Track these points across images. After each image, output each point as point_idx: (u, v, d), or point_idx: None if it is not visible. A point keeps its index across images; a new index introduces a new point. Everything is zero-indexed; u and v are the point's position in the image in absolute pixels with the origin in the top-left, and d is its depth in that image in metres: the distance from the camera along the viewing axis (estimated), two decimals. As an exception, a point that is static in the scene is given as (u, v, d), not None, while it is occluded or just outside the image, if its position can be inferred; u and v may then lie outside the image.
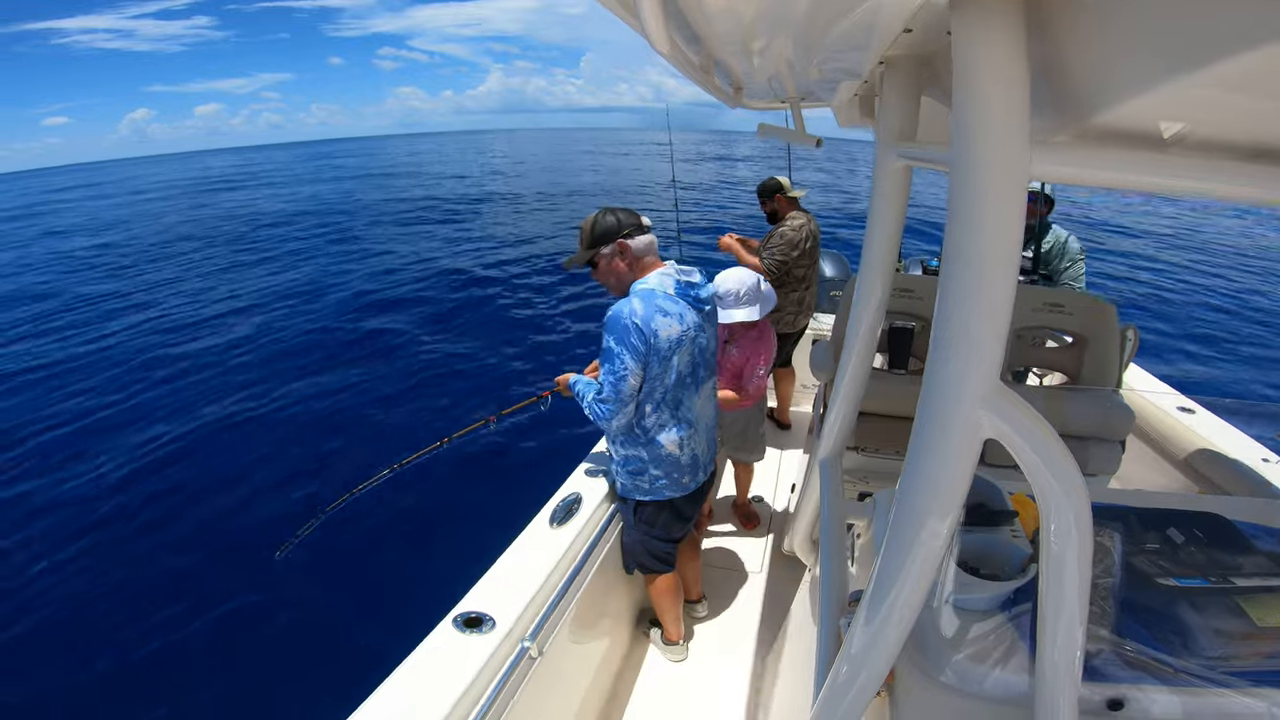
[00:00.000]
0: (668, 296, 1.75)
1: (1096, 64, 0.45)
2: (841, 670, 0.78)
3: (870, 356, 1.28)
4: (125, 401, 6.08)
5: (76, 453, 5.13)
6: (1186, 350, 6.43)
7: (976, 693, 0.79)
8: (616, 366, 1.69)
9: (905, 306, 2.21)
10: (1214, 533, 0.92)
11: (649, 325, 1.68)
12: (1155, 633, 0.79)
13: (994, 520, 0.99)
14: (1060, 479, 0.54)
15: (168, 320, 8.74)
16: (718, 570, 2.72)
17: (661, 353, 1.72)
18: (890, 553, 0.66)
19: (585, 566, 1.90)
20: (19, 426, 5.64)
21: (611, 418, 1.76)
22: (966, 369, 0.55)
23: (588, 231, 1.80)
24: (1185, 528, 0.92)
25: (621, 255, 1.78)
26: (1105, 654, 0.77)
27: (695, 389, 1.87)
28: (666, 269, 1.82)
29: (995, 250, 0.52)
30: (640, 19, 0.58)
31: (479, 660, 1.41)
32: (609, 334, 1.70)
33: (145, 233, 18.67)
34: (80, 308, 9.89)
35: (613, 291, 1.85)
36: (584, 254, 1.82)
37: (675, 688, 2.17)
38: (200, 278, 11.48)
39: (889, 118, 0.94)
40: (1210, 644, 0.76)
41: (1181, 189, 0.49)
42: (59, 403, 6.11)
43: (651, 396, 1.78)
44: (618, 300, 1.77)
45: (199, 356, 7.11)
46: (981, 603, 0.87)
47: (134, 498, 4.38)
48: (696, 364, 1.85)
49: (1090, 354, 2.07)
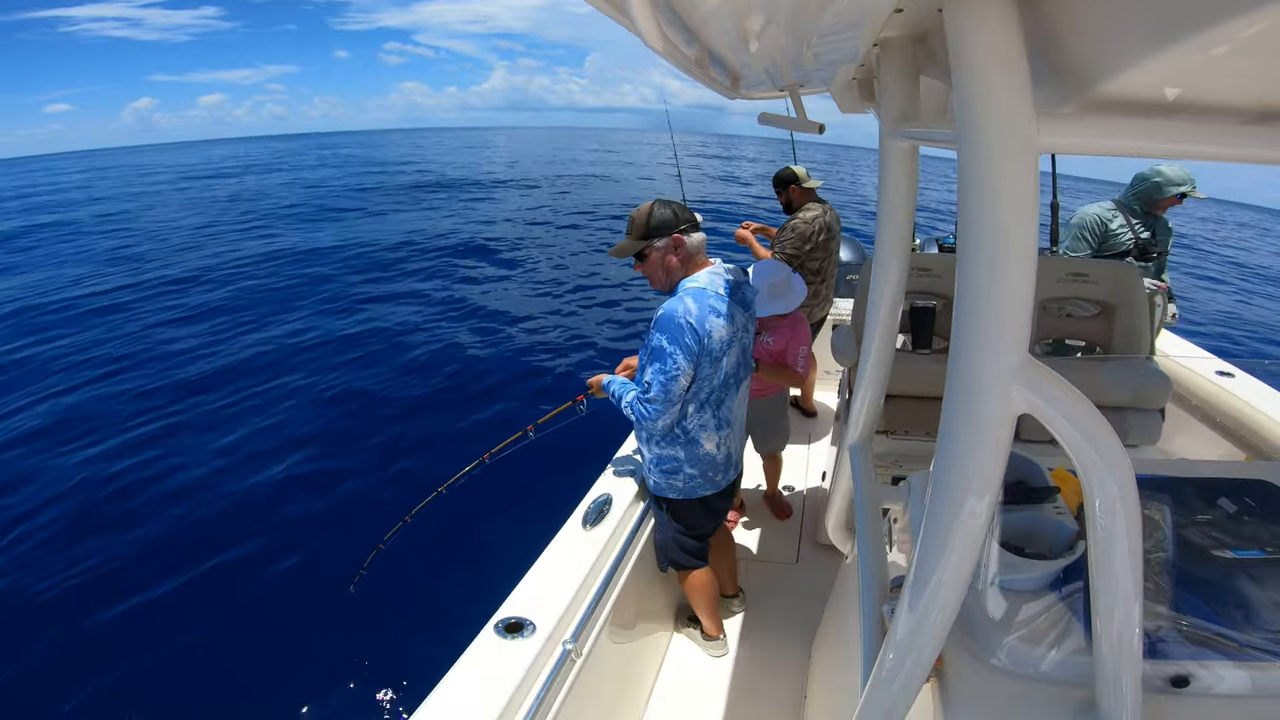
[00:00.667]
0: (719, 296, 1.72)
1: (1094, 32, 0.45)
2: (888, 657, 0.77)
3: (893, 338, 1.26)
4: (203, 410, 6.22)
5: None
6: (1221, 311, 6.17)
7: (1032, 674, 0.77)
8: (668, 366, 1.66)
9: (925, 286, 2.18)
10: (1266, 501, 0.89)
11: (703, 325, 1.65)
12: (1215, 607, 0.77)
13: (1035, 497, 0.97)
14: (1101, 452, 0.53)
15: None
16: (753, 563, 2.72)
17: (714, 353, 1.70)
18: (929, 536, 0.65)
19: (620, 566, 1.91)
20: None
21: (658, 418, 1.73)
22: (993, 344, 0.54)
23: (641, 222, 1.74)
24: (1236, 497, 0.90)
25: (676, 250, 1.74)
26: (1164, 630, 0.76)
27: (736, 389, 1.86)
28: (716, 268, 1.79)
29: (1012, 223, 0.51)
30: (630, 17, 0.58)
31: (523, 665, 1.43)
32: (661, 333, 1.67)
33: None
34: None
35: (657, 286, 1.81)
36: (634, 244, 1.76)
37: (718, 683, 2.17)
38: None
39: (889, 100, 0.93)
40: (1274, 616, 0.74)
41: (1191, 153, 0.49)
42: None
43: (697, 397, 1.77)
44: (664, 296, 1.75)
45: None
46: (1030, 582, 0.85)
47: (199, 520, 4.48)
48: (739, 364, 1.83)
49: (1119, 322, 2.03)
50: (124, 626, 3.44)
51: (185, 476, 4.95)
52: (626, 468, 2.24)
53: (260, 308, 9.12)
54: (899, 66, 0.90)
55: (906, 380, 1.86)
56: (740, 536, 2.86)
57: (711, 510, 2.00)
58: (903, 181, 1.03)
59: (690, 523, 1.98)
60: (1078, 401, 0.53)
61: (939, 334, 2.18)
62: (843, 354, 2.19)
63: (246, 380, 6.75)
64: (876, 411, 1.38)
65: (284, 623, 3.49)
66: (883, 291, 1.17)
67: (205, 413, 6.03)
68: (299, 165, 37.56)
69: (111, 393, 6.58)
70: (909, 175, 1.03)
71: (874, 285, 1.18)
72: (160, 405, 6.21)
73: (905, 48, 0.88)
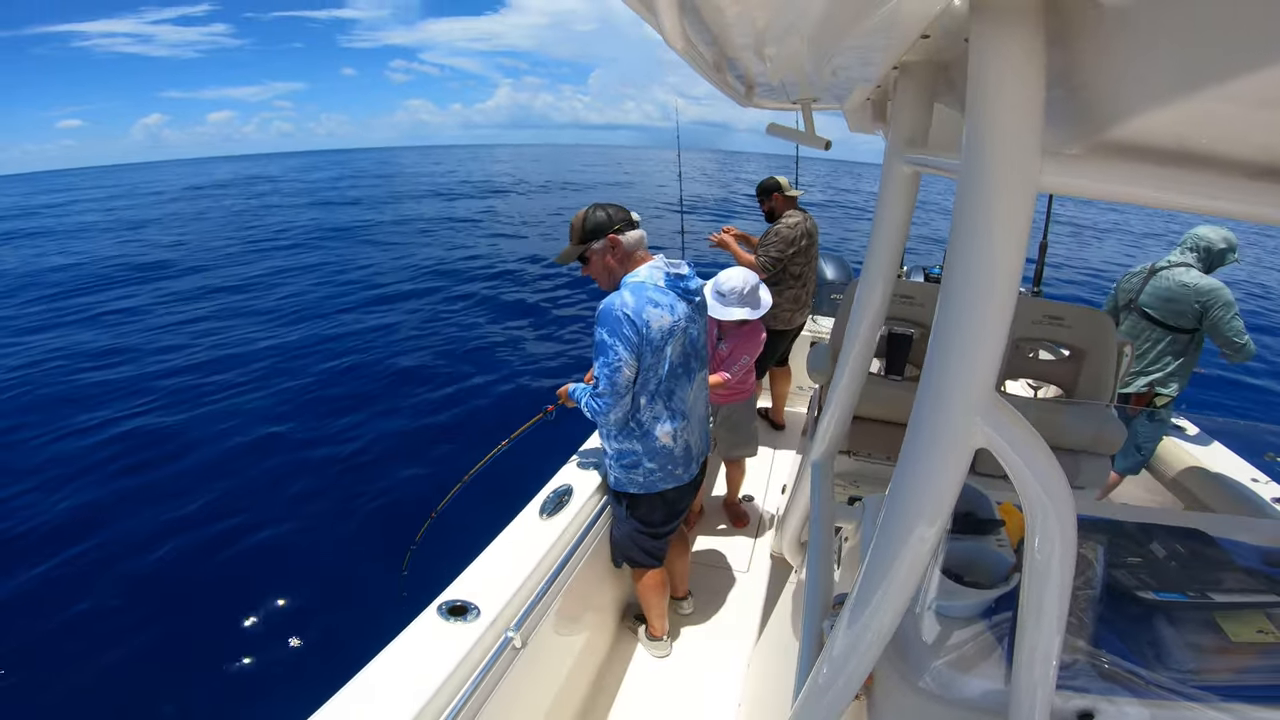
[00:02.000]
0: (658, 288, 1.77)
1: (1114, 76, 0.45)
2: (822, 671, 0.79)
3: (867, 361, 1.28)
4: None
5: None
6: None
7: (954, 699, 0.79)
8: (610, 358, 1.70)
9: (905, 313, 2.22)
10: (1196, 548, 0.93)
11: (640, 315, 1.70)
12: (1131, 645, 0.79)
13: (981, 528, 1.00)
14: (1049, 490, 0.55)
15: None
16: (705, 568, 2.73)
17: (654, 343, 1.73)
18: (877, 557, 0.67)
19: (573, 559, 1.90)
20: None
21: (609, 411, 1.77)
22: (962, 378, 0.55)
23: (578, 227, 1.81)
24: (1168, 542, 0.93)
25: (613, 250, 1.80)
26: (1080, 664, 0.78)
27: (688, 380, 1.89)
28: (656, 262, 1.84)
29: (999, 260, 0.52)
30: (656, 15, 0.58)
31: (462, 649, 1.41)
32: (601, 327, 1.71)
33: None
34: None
35: (603, 286, 1.87)
36: (575, 249, 1.84)
37: (658, 683, 2.18)
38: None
39: (900, 123, 0.94)
40: (1184, 658, 0.77)
41: (1191, 206, 0.49)
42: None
43: (646, 388, 1.80)
44: (608, 295, 1.78)
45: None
46: (964, 610, 0.88)
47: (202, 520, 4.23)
48: (688, 354, 1.86)
49: (1087, 367, 2.08)
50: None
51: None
52: (590, 460, 2.24)
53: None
54: (915, 91, 0.91)
55: (875, 404, 1.89)
56: (696, 541, 2.88)
57: (671, 505, 2.01)
58: (901, 206, 1.04)
59: (650, 518, 1.99)
60: (1034, 441, 0.55)
61: (913, 362, 2.21)
62: (817, 371, 2.22)
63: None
64: (843, 431, 1.40)
65: (198, 592, 3.40)
66: (864, 314, 1.18)
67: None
68: (350, 191, 34.04)
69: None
70: (907, 200, 1.04)
71: (856, 306, 1.19)
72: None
73: (925, 73, 0.89)
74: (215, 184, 44.96)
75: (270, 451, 5.00)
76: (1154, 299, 2.89)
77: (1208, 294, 2.73)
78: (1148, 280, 2.93)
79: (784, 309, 3.45)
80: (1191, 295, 2.76)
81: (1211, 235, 2.85)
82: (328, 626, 3.16)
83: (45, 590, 3.48)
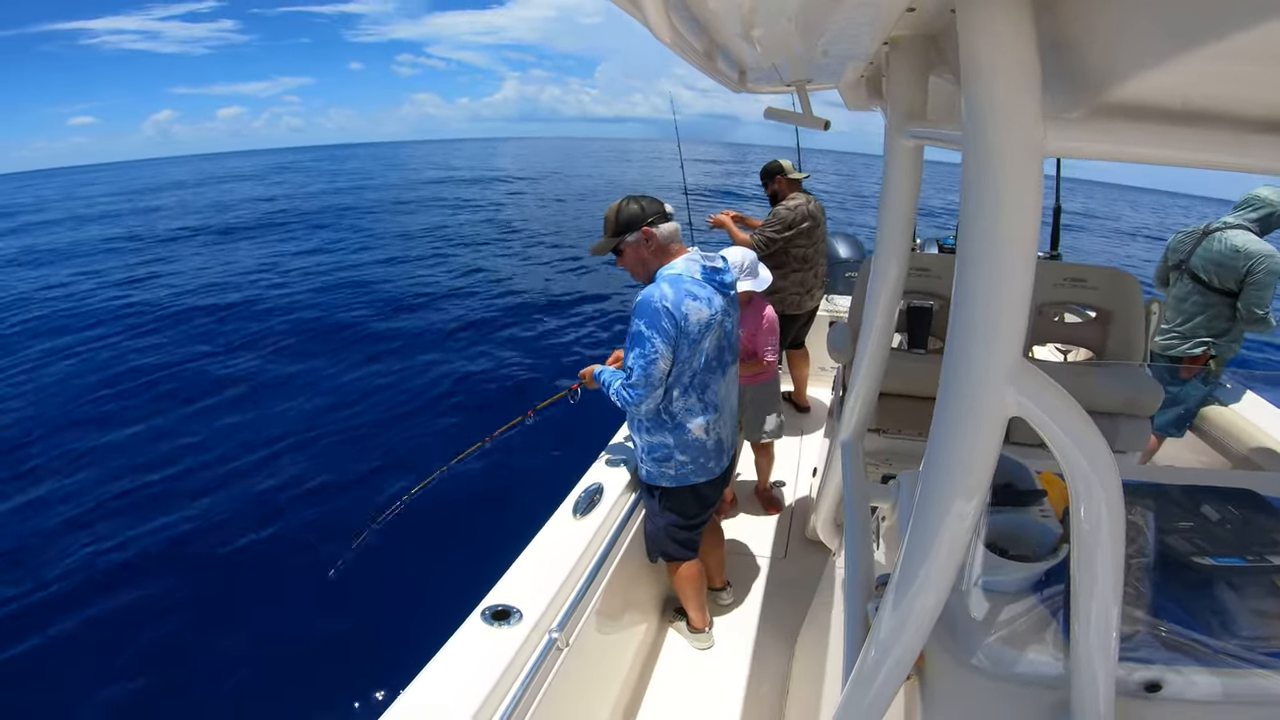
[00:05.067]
0: (695, 281, 1.77)
1: (1107, 37, 0.44)
2: (870, 654, 0.78)
3: (889, 336, 1.26)
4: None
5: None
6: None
7: (1009, 675, 0.78)
8: (647, 350, 1.71)
9: (923, 286, 2.18)
10: (1250, 509, 0.90)
11: (679, 309, 1.70)
12: (1192, 613, 0.77)
13: (1022, 500, 0.98)
14: (1089, 457, 0.54)
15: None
16: (741, 557, 2.73)
17: (691, 336, 1.74)
18: (916, 535, 0.66)
19: (609, 556, 1.92)
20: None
21: (640, 402, 1.78)
22: (988, 347, 0.54)
23: (612, 220, 1.82)
24: (1220, 505, 0.90)
25: (647, 242, 1.80)
26: (1141, 635, 0.76)
27: (721, 373, 1.89)
28: (692, 254, 1.84)
29: (1013, 226, 0.51)
30: (641, 9, 0.58)
31: (508, 652, 1.43)
32: (639, 318, 1.71)
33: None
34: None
35: (637, 278, 1.88)
36: (609, 241, 1.84)
37: (702, 675, 2.19)
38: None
39: (897, 98, 0.93)
40: (1248, 624, 0.75)
41: (1199, 162, 0.48)
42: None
43: (680, 381, 1.80)
44: (644, 287, 1.79)
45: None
46: (1012, 584, 0.86)
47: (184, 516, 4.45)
48: (722, 347, 1.86)
49: (1115, 328, 2.03)
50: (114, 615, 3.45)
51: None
52: (619, 456, 2.24)
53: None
54: (908, 65, 0.90)
55: (900, 379, 1.86)
56: (730, 530, 2.88)
57: (703, 498, 2.01)
58: (906, 180, 1.03)
59: (683, 511, 1.99)
60: (1069, 406, 0.54)
61: (935, 334, 2.18)
62: (838, 350, 2.20)
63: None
64: (870, 409, 1.39)
65: (265, 609, 3.49)
66: (880, 290, 1.17)
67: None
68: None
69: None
70: (913, 174, 1.03)
71: (872, 283, 1.18)
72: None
73: (916, 47, 0.88)
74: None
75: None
76: (1205, 261, 2.77)
77: (1256, 257, 2.62)
78: (1200, 242, 2.82)
79: (790, 293, 3.44)
80: (1240, 260, 2.65)
81: (1273, 196, 2.72)
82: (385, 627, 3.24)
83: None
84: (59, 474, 4.90)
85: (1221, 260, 2.71)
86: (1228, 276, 2.70)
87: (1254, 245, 2.64)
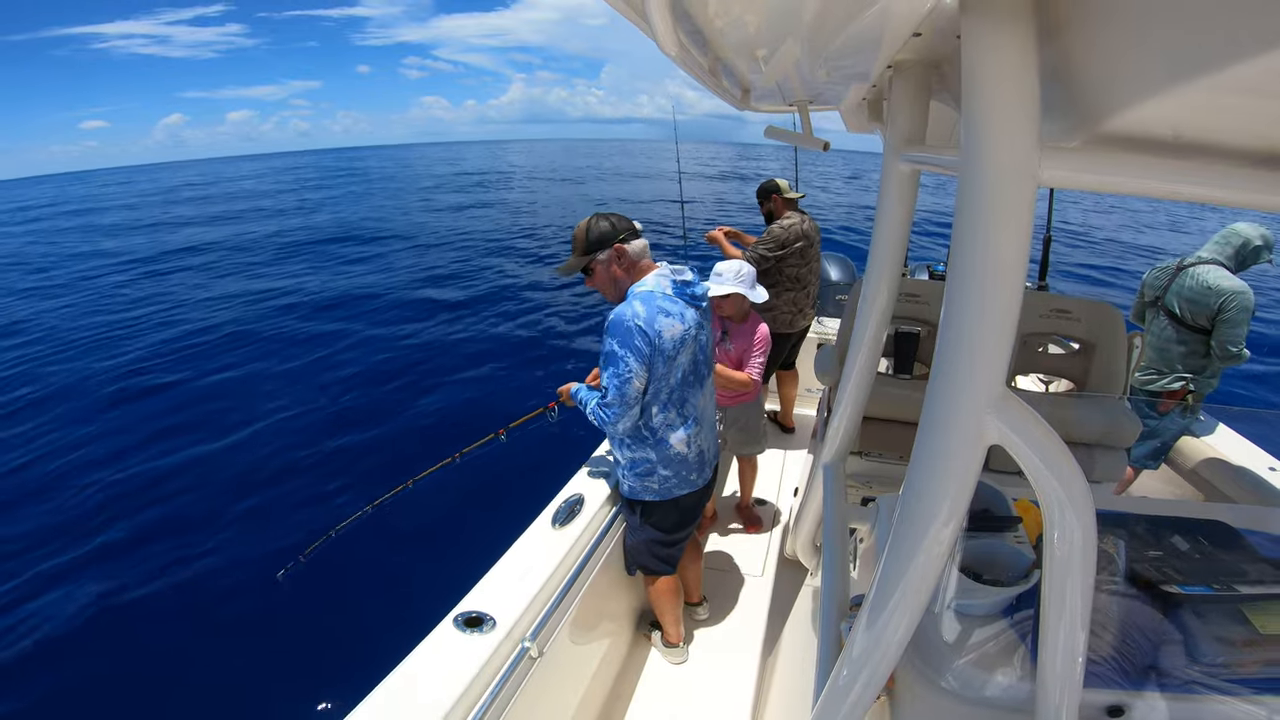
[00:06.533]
0: (667, 297, 1.76)
1: (1107, 69, 0.45)
2: (842, 674, 0.78)
3: (875, 361, 1.28)
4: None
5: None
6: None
7: (977, 698, 0.78)
8: (621, 369, 1.69)
9: (911, 311, 2.21)
10: (1219, 540, 0.92)
11: (652, 326, 1.69)
12: (1157, 640, 0.78)
13: (998, 526, 0.99)
14: (1065, 485, 0.54)
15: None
16: (719, 573, 2.72)
17: (666, 353, 1.73)
18: (893, 557, 0.66)
19: (587, 567, 1.90)
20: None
21: (617, 421, 1.77)
22: (972, 375, 0.55)
23: (581, 238, 1.79)
24: (1190, 535, 0.92)
25: (618, 260, 1.78)
26: (1107, 660, 0.77)
27: (699, 386, 1.89)
28: (661, 270, 1.83)
29: (1003, 255, 0.52)
30: (649, 21, 0.58)
31: (479, 660, 1.41)
32: (611, 337, 1.70)
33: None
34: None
35: (608, 297, 1.85)
36: (578, 260, 1.81)
37: (675, 690, 2.17)
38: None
39: (897, 122, 0.94)
40: (1212, 651, 0.76)
41: (1192, 195, 0.49)
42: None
43: (658, 397, 1.79)
44: (614, 305, 1.77)
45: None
46: (984, 608, 0.87)
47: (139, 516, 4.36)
48: (698, 360, 1.86)
49: (1097, 361, 2.06)
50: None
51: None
52: (600, 469, 2.23)
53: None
54: (911, 90, 0.91)
55: (885, 403, 1.88)
56: (709, 546, 2.86)
57: (685, 511, 2.00)
58: (901, 204, 1.04)
59: (665, 525, 1.98)
60: (1048, 437, 0.54)
61: (921, 360, 2.20)
62: (825, 373, 2.21)
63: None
64: (853, 432, 1.40)
65: (223, 614, 3.42)
66: (870, 313, 1.18)
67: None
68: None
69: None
70: (908, 199, 1.04)
71: (861, 307, 1.19)
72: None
73: (919, 71, 0.89)
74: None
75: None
76: (1178, 299, 2.79)
77: (1228, 294, 2.64)
78: (1174, 278, 2.83)
79: (783, 312, 3.44)
80: (1213, 297, 2.66)
81: (1249, 232, 2.73)
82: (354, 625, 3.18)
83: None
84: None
85: (1194, 297, 2.73)
86: (1200, 314, 2.72)
87: (1225, 282, 2.66)
